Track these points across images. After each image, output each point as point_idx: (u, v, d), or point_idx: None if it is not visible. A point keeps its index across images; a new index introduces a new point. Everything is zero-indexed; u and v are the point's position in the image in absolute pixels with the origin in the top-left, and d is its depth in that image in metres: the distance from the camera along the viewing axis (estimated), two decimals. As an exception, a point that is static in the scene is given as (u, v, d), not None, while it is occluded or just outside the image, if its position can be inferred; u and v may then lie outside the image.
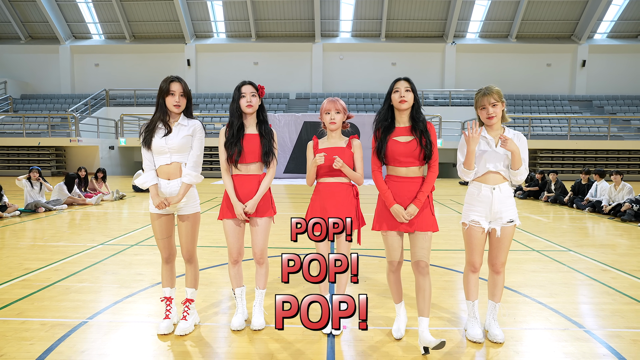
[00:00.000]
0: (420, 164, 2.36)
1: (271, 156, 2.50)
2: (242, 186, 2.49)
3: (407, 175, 2.34)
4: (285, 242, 4.89)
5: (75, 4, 20.63)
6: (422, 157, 2.33)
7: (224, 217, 2.53)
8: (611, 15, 20.54)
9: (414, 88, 2.34)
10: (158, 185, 2.42)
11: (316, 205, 2.51)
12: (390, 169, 2.40)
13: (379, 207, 2.44)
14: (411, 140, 2.33)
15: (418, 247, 2.34)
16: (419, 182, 2.36)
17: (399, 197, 2.34)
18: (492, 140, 2.36)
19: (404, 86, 2.33)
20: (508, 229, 2.36)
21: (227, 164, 2.50)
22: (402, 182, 2.34)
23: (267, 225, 2.55)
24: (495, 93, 2.30)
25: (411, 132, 2.35)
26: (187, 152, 2.45)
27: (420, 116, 2.36)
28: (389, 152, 2.33)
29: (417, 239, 2.34)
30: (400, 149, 2.32)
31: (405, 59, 20.89)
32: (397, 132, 2.37)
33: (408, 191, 2.33)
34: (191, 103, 2.48)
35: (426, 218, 2.34)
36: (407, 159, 2.32)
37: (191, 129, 2.44)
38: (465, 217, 2.43)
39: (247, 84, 2.49)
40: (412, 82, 2.35)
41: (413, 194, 2.33)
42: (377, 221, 2.43)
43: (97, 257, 4.17)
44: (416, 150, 2.31)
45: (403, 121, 2.39)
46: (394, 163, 2.34)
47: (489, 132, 2.38)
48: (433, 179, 2.35)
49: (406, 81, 2.34)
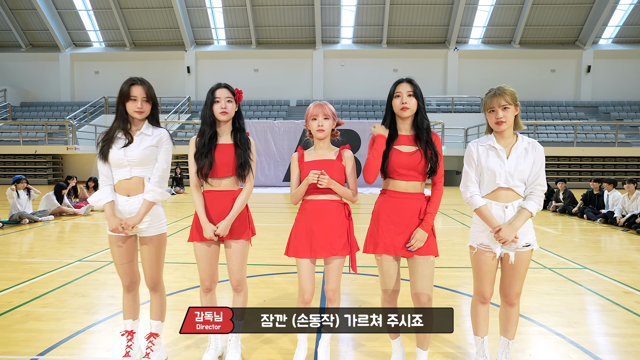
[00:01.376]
0: (423, 179, 2.05)
1: (247, 169, 2.18)
2: (214, 204, 2.16)
3: (407, 190, 2.03)
4: (279, 258, 4.54)
5: (76, 12, 20.65)
6: (426, 171, 2.01)
7: (193, 239, 2.20)
8: (616, 20, 20.27)
9: (418, 91, 2.02)
10: (115, 202, 2.09)
11: (301, 227, 2.16)
12: (387, 183, 2.08)
13: (372, 227, 2.12)
14: (415, 151, 2.01)
15: (419, 274, 2.01)
16: (420, 199, 2.04)
17: (395, 215, 2.02)
18: (502, 151, 2.02)
19: (406, 90, 2.01)
20: (524, 255, 2.01)
21: (197, 178, 2.17)
22: (400, 198, 2.03)
23: (244, 249, 2.21)
24: (508, 94, 1.97)
25: (415, 141, 2.03)
26: (151, 165, 2.13)
27: (425, 123, 2.04)
28: (389, 163, 2.02)
29: (418, 265, 2.01)
30: (403, 161, 2.00)
31: (407, 65, 20.68)
32: (400, 141, 2.05)
33: (407, 209, 2.02)
34: (157, 109, 2.17)
35: (428, 242, 2.01)
36: (410, 172, 2.01)
37: (156, 139, 2.13)
38: (474, 239, 2.09)
39: (222, 87, 2.17)
40: (416, 83, 2.03)
41: (412, 213, 2.01)
42: (370, 242, 2.10)
43: (70, 276, 3.84)
44: (421, 163, 1.99)
45: (405, 129, 2.07)
46: (394, 175, 2.04)
47: (498, 141, 2.05)
48: (439, 198, 2.03)
49: (409, 83, 2.02)
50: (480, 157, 2.05)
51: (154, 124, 2.17)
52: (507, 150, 2.03)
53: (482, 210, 2.00)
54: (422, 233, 1.98)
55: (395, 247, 2.02)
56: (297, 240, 2.14)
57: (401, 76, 2.14)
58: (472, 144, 2.11)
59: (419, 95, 2.01)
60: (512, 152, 2.01)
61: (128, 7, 20.23)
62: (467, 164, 2.10)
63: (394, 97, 2.04)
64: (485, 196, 2.05)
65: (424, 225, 1.99)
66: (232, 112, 2.19)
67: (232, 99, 2.17)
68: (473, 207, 2.04)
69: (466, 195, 2.06)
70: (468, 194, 2.05)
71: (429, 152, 2.00)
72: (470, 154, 2.09)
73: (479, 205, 2.01)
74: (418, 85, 2.03)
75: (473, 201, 2.03)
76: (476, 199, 2.02)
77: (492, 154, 2.03)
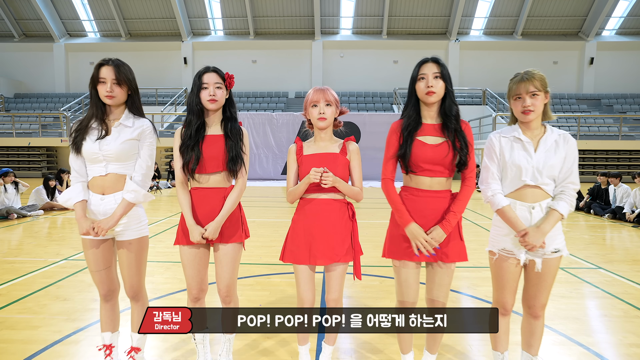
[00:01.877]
0: (450, 175, 1.80)
1: (239, 163, 1.92)
2: (202, 203, 1.92)
3: (432, 187, 1.78)
4: (277, 257, 4.31)
5: (70, 1, 20.23)
6: (455, 165, 1.77)
7: (179, 243, 1.95)
8: (620, 11, 19.94)
9: (446, 73, 1.75)
10: (88, 202, 1.85)
11: (299, 229, 1.91)
12: (409, 179, 1.83)
13: (392, 227, 1.88)
14: (442, 142, 1.76)
15: (436, 282, 1.80)
16: (446, 197, 1.79)
17: (419, 216, 1.78)
18: (529, 144, 1.78)
19: (432, 71, 1.73)
20: (552, 262, 1.77)
21: (183, 175, 1.92)
22: (424, 197, 1.78)
23: (236, 253, 1.97)
24: (537, 79, 1.73)
25: (442, 131, 1.78)
26: (131, 161, 1.88)
27: (454, 109, 1.77)
28: (412, 157, 1.76)
29: (438, 272, 1.81)
30: (428, 154, 1.75)
31: (408, 56, 20.35)
32: (424, 131, 1.79)
33: (432, 210, 1.77)
34: (137, 96, 1.91)
35: (454, 245, 1.78)
36: (435, 167, 1.75)
37: (137, 131, 1.87)
38: (494, 244, 1.85)
39: (211, 72, 1.91)
40: (443, 63, 1.76)
41: (438, 214, 1.77)
42: (390, 247, 1.86)
43: (53, 277, 3.60)
44: (448, 156, 1.74)
45: (431, 116, 1.81)
46: (417, 171, 1.78)
47: (524, 132, 1.80)
48: (468, 196, 1.78)
49: (435, 64, 1.74)
50: (504, 150, 1.81)
51: (135, 114, 1.91)
52: (535, 142, 1.78)
53: (506, 211, 1.76)
54: (439, 232, 1.73)
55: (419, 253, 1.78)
56: (295, 245, 1.90)
57: (401, 67, 1.87)
58: (494, 135, 1.86)
59: (446, 77, 1.75)
60: (540, 145, 1.77)
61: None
62: (487, 157, 1.85)
63: (418, 79, 1.77)
64: (509, 195, 1.81)
65: (444, 224, 1.73)
66: (222, 100, 1.94)
67: (221, 85, 1.92)
68: (495, 207, 1.80)
69: (487, 193, 1.82)
70: (489, 192, 1.81)
71: (458, 143, 1.74)
72: (492, 147, 1.84)
73: (501, 205, 1.77)
74: (446, 66, 1.76)
75: (495, 200, 1.79)
76: (499, 198, 1.78)
77: (517, 146, 1.79)
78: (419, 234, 1.73)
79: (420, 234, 1.73)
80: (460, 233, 1.83)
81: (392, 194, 1.81)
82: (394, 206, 1.80)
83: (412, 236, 1.75)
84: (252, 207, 8.15)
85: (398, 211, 1.78)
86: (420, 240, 1.73)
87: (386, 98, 19.55)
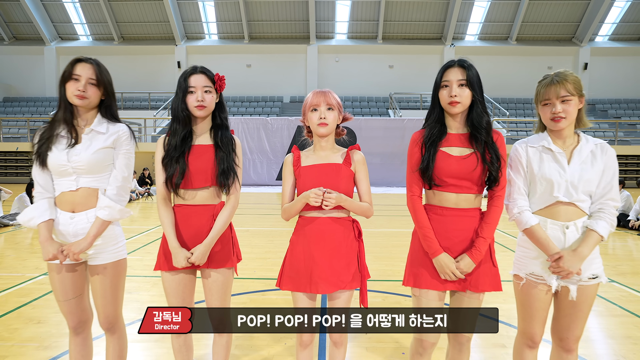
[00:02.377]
0: (479, 191, 1.58)
1: (232, 177, 1.69)
2: (188, 222, 1.68)
3: (458, 205, 1.57)
4: (274, 270, 4.06)
5: (62, 4, 19.97)
6: (484, 180, 1.55)
7: (160, 268, 1.71)
8: (613, 17, 20.12)
9: (474, 78, 1.53)
10: (55, 222, 1.60)
11: (298, 252, 1.67)
12: (432, 195, 1.63)
13: (415, 251, 1.65)
14: (469, 154, 1.54)
15: (462, 314, 1.58)
16: (475, 217, 1.57)
17: (443, 238, 1.57)
18: (561, 155, 1.56)
19: (457, 78, 1.52)
20: (589, 290, 1.56)
21: (166, 190, 1.69)
22: (449, 215, 1.58)
23: (227, 280, 1.73)
24: (570, 82, 1.51)
25: (469, 141, 1.56)
26: (106, 172, 1.65)
27: (483, 120, 1.55)
28: (435, 170, 1.56)
29: (465, 302, 1.59)
30: (452, 167, 1.53)
31: (403, 61, 20.36)
32: (449, 141, 1.57)
33: (458, 230, 1.56)
34: (113, 100, 1.68)
35: (485, 272, 1.57)
36: (462, 182, 1.54)
37: (111, 138, 1.64)
38: (521, 267, 1.64)
39: (199, 73, 1.68)
40: (471, 66, 1.54)
41: (466, 235, 1.56)
42: (411, 272, 1.64)
43: (29, 295, 3.33)
44: (477, 170, 1.53)
45: (456, 126, 1.60)
46: (441, 186, 1.57)
47: (555, 142, 1.59)
48: (496, 219, 1.57)
49: (461, 69, 1.54)
50: (532, 161, 1.59)
51: (109, 119, 1.68)
52: (568, 153, 1.57)
53: (535, 231, 1.54)
54: (468, 262, 1.53)
55: (444, 281, 1.57)
56: (294, 270, 1.67)
57: (396, 72, 1.66)
58: (520, 145, 1.65)
59: (474, 84, 1.53)
60: (574, 156, 1.55)
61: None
62: (512, 170, 1.64)
63: (441, 87, 1.56)
64: (538, 212, 1.59)
65: (474, 253, 1.53)
66: (212, 105, 1.71)
67: (211, 89, 1.69)
68: (522, 226, 1.58)
69: (513, 210, 1.60)
70: (515, 208, 1.59)
71: (488, 156, 1.53)
72: (518, 158, 1.63)
73: (530, 224, 1.55)
74: (475, 70, 1.54)
75: (522, 218, 1.58)
76: (526, 215, 1.57)
77: (547, 158, 1.58)
78: (448, 266, 1.52)
79: (449, 266, 1.52)
80: (492, 257, 1.60)
81: (420, 215, 1.60)
82: (422, 231, 1.59)
83: (440, 267, 1.54)
84: (245, 215, 7.90)
85: (426, 238, 1.57)
86: (448, 272, 1.53)
87: (382, 103, 19.47)
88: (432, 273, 1.58)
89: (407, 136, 13.19)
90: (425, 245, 1.58)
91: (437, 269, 1.56)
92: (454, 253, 1.57)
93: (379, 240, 5.47)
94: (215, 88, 1.71)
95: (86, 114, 1.64)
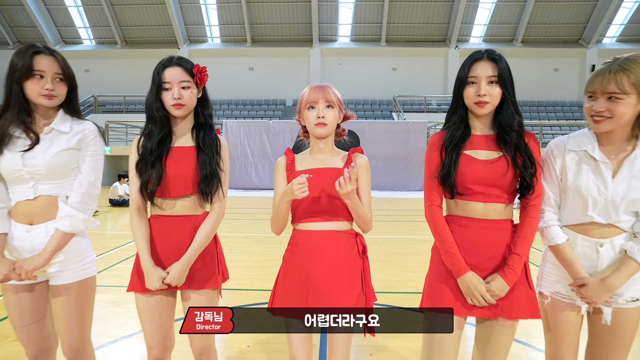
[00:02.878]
0: (509, 200, 1.37)
1: (215, 184, 1.51)
2: (166, 236, 1.50)
3: (486, 216, 1.36)
4: (272, 281, 3.86)
5: (65, 8, 20.14)
6: (515, 188, 1.35)
7: (133, 289, 1.53)
8: (620, 18, 19.88)
9: (506, 74, 1.32)
10: (9, 236, 1.43)
11: (292, 272, 1.48)
12: (454, 205, 1.43)
13: (433, 270, 1.44)
14: (498, 157, 1.33)
15: (492, 345, 1.36)
16: (507, 229, 1.36)
17: (469, 254, 1.35)
18: (606, 165, 1.30)
19: (487, 74, 1.32)
20: (630, 313, 1.34)
21: (141, 199, 1.51)
22: (476, 228, 1.36)
23: (210, 302, 1.55)
24: (628, 74, 1.21)
25: (496, 144, 1.35)
26: (69, 177, 1.47)
27: (515, 121, 1.34)
28: (458, 176, 1.35)
29: (495, 331, 1.36)
30: (479, 172, 1.33)
31: (407, 64, 20.24)
32: (474, 143, 1.37)
33: (486, 245, 1.34)
34: (76, 93, 1.51)
35: (520, 295, 1.34)
36: (490, 189, 1.33)
37: (75, 137, 1.47)
38: (545, 284, 1.43)
39: (174, 66, 1.48)
40: (502, 59, 1.34)
41: (495, 251, 1.34)
42: (430, 293, 1.42)
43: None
44: (507, 176, 1.32)
45: (481, 127, 1.39)
46: (466, 194, 1.36)
47: (602, 146, 1.33)
48: (532, 232, 1.35)
49: (491, 62, 1.33)
50: (567, 169, 1.35)
51: (73, 116, 1.50)
52: (615, 163, 1.30)
53: (562, 250, 1.34)
54: (501, 284, 1.30)
55: (469, 306, 1.34)
56: (287, 292, 1.48)
57: (400, 75, 1.47)
58: (556, 145, 1.40)
59: (505, 81, 1.32)
60: (623, 167, 1.29)
61: (119, 3, 19.68)
62: (543, 175, 1.41)
63: (467, 83, 1.35)
64: (569, 226, 1.38)
65: (508, 273, 1.30)
66: (192, 102, 1.52)
67: (190, 83, 1.49)
68: (548, 241, 1.38)
69: (539, 223, 1.39)
70: (542, 221, 1.38)
71: (520, 160, 1.31)
72: (550, 161, 1.39)
73: (556, 241, 1.35)
74: (505, 62, 1.34)
75: (549, 234, 1.37)
76: (554, 231, 1.36)
77: (587, 167, 1.32)
78: (477, 288, 1.29)
79: (478, 288, 1.29)
80: (528, 278, 1.37)
81: (441, 228, 1.38)
82: (444, 247, 1.37)
83: (467, 289, 1.32)
84: (246, 220, 7.73)
85: (450, 254, 1.34)
86: (476, 295, 1.30)
87: (385, 106, 19.33)
88: (456, 294, 1.35)
89: (411, 139, 13.04)
90: (448, 263, 1.36)
91: (463, 291, 1.33)
92: (483, 272, 1.34)
93: (383, 247, 5.27)
94: (196, 82, 1.52)
95: (46, 112, 1.47)
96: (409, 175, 13.23)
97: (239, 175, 13.91)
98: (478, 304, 1.31)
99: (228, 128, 14.13)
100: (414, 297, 3.37)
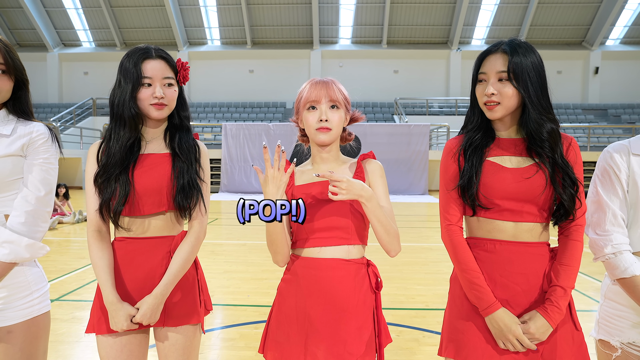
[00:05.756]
0: (545, 219, 1.11)
1: (195, 196, 1.27)
2: (136, 263, 1.25)
3: (517, 238, 1.10)
4: (271, 295, 3.63)
5: (65, 10, 20.13)
6: (552, 204, 1.09)
7: (94, 330, 1.26)
8: (624, 20, 19.76)
9: (522, 68, 1.08)
10: None
11: (288, 309, 1.21)
12: (476, 224, 1.16)
13: (456, 303, 1.18)
14: (529, 165, 1.09)
15: None
16: (543, 255, 1.10)
17: (496, 286, 1.09)
18: None
19: (497, 69, 1.09)
20: None
21: (101, 220, 1.25)
22: (505, 253, 1.10)
23: (191, 342, 1.30)
24: None
25: (526, 149, 1.11)
26: (11, 192, 1.21)
27: (544, 128, 1.08)
28: (481, 187, 1.10)
29: None
30: (507, 183, 1.08)
31: (408, 66, 20.13)
32: (500, 147, 1.13)
33: (520, 274, 1.09)
34: (28, 92, 1.28)
35: (566, 339, 1.08)
36: (522, 206, 1.08)
37: (19, 141, 1.22)
38: (613, 331, 1.16)
39: (156, 58, 1.25)
40: (520, 49, 1.09)
41: (532, 283, 1.08)
42: (451, 336, 1.15)
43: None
44: (539, 188, 1.06)
45: (505, 128, 1.15)
46: (492, 210, 1.10)
47: None
48: (578, 258, 1.08)
49: (503, 55, 1.09)
50: (636, 175, 1.10)
51: (19, 116, 1.27)
52: None
53: (638, 284, 1.06)
54: (542, 325, 1.04)
55: (500, 349, 1.08)
56: (283, 334, 1.22)
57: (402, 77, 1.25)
58: (616, 150, 1.15)
59: (523, 77, 1.08)
60: None
61: (119, 5, 19.62)
62: (603, 187, 1.15)
63: (478, 81, 1.14)
64: (638, 254, 1.12)
65: (550, 310, 1.04)
66: (174, 103, 1.29)
67: (173, 80, 1.27)
68: (617, 273, 1.10)
69: (605, 249, 1.11)
70: (609, 246, 1.10)
71: (558, 169, 1.06)
72: (613, 169, 1.13)
73: (632, 272, 1.07)
74: (525, 54, 1.09)
75: (619, 263, 1.09)
76: (628, 259, 1.09)
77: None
78: (511, 330, 1.03)
79: (513, 330, 1.03)
80: (573, 316, 1.11)
81: (462, 253, 1.12)
82: (466, 277, 1.10)
83: (499, 331, 1.05)
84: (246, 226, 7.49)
85: (474, 287, 1.08)
86: (510, 339, 1.03)
87: (387, 108, 19.17)
88: (486, 336, 1.09)
89: (413, 142, 12.82)
90: (472, 297, 1.10)
91: (493, 333, 1.07)
92: (516, 309, 1.08)
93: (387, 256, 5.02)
94: (178, 79, 1.30)
95: None
96: (411, 178, 13.00)
97: (239, 179, 13.69)
98: (513, 349, 1.06)
99: (227, 131, 13.95)
100: (424, 315, 3.12)
